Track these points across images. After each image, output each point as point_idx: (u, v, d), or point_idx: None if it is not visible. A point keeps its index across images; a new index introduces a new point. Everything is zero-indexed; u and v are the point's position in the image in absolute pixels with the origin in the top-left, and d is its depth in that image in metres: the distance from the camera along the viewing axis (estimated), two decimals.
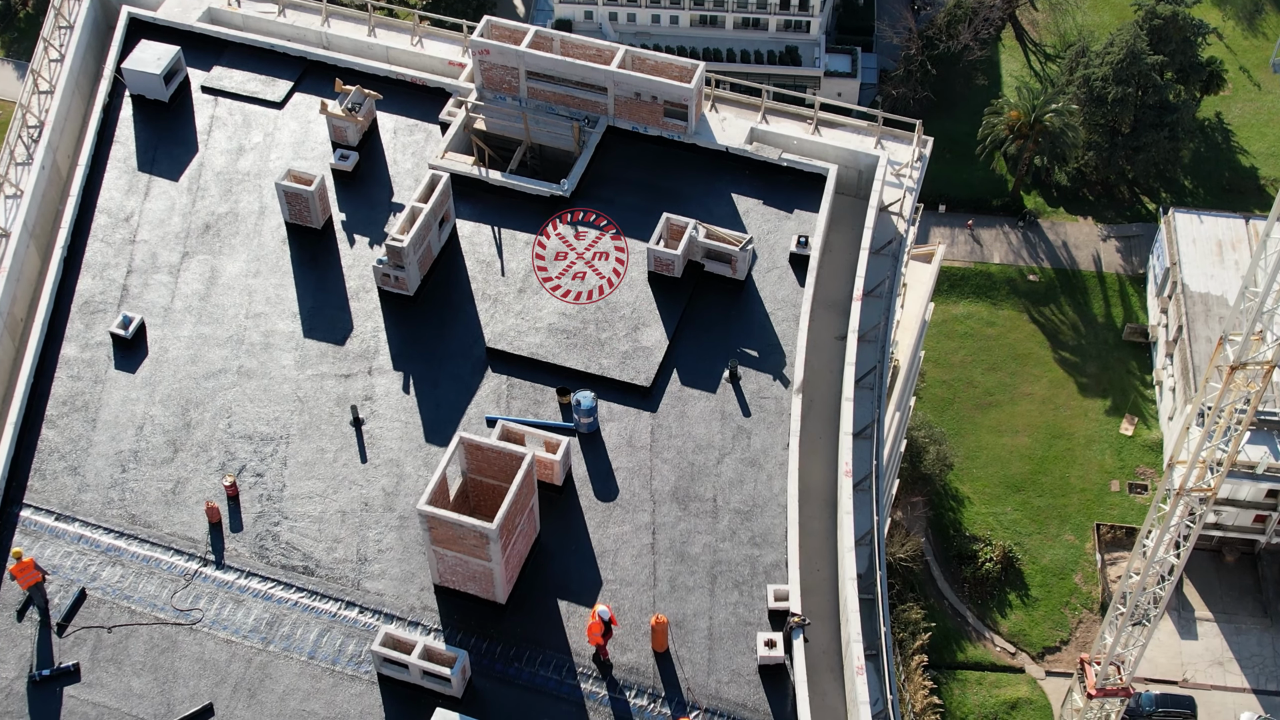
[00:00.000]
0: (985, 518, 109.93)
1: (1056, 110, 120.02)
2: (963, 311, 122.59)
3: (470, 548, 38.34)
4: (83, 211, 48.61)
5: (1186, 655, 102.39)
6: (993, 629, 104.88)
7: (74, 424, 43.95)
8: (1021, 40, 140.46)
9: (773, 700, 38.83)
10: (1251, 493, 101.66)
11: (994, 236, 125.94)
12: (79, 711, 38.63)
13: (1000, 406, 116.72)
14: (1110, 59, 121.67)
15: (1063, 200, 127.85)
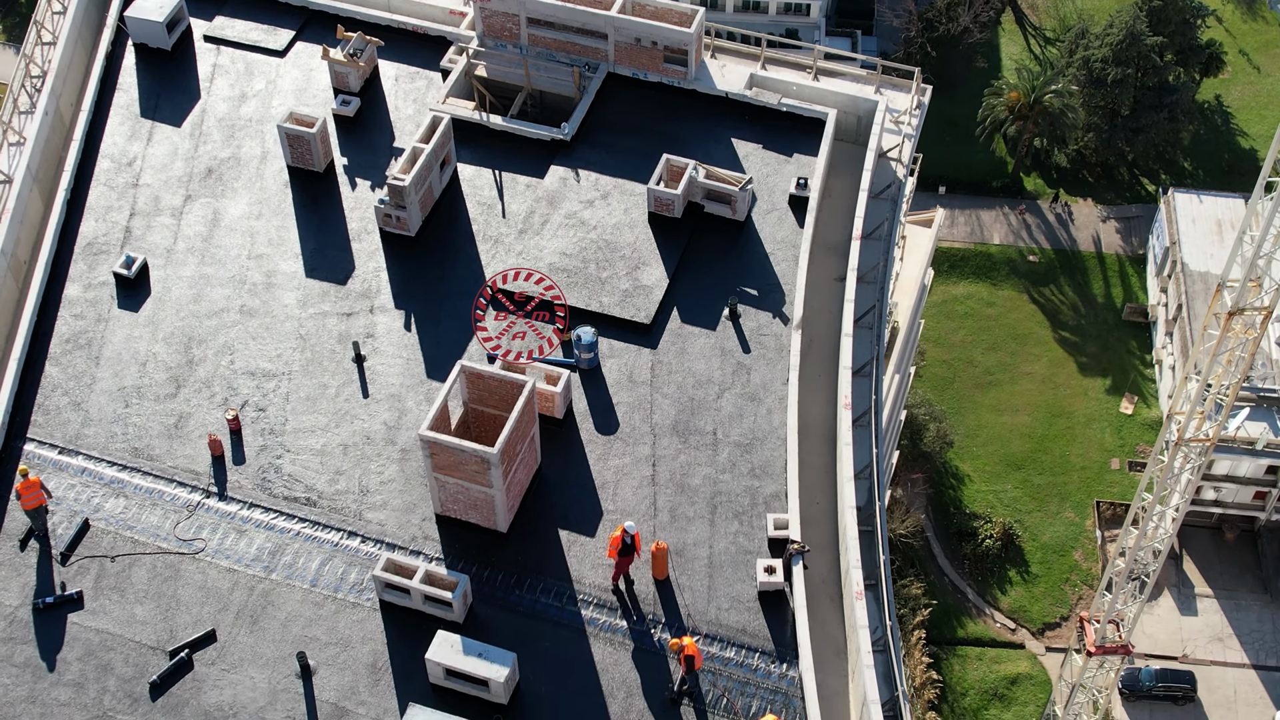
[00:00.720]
0: (985, 495, 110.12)
1: (1056, 91, 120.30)
2: (963, 292, 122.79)
3: (471, 474, 38.55)
4: (86, 156, 48.88)
5: (1186, 631, 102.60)
6: (993, 605, 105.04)
7: (77, 361, 44.19)
8: (1021, 24, 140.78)
9: (772, 626, 39.05)
10: (1251, 469, 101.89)
11: (994, 218, 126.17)
12: (82, 638, 38.84)
13: (1000, 386, 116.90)
14: (1110, 40, 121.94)
15: (1062, 182, 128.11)
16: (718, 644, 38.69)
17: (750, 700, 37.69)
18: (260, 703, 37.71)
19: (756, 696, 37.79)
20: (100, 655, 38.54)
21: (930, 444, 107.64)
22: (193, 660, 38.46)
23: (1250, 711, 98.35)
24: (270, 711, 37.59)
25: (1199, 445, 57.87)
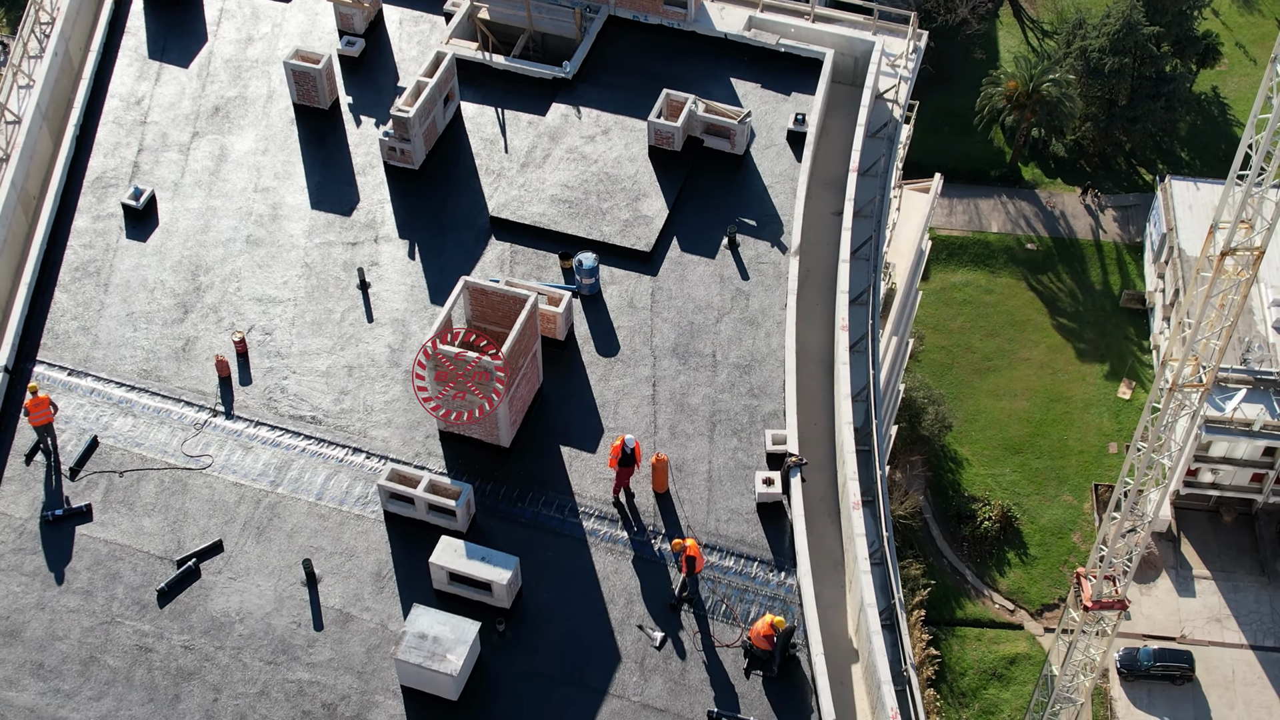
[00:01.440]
0: (984, 479, 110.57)
1: (1054, 80, 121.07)
2: (961, 279, 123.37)
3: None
4: (94, 96, 49.63)
5: (1184, 612, 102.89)
6: (991, 586, 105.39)
7: (86, 288, 44.88)
8: (1019, 17, 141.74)
9: (771, 536, 39.66)
10: (1248, 451, 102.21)
11: (992, 206, 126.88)
12: (91, 549, 39.46)
13: (998, 371, 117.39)
14: (1107, 30, 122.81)
15: (1060, 171, 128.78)
16: (717, 554, 39.29)
17: (749, 607, 38.29)
18: (266, 609, 38.31)
19: (755, 603, 38.39)
20: (108, 565, 39.16)
21: (929, 427, 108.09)
22: (200, 569, 39.05)
23: (1249, 691, 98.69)
24: (276, 617, 38.19)
25: (1193, 390, 58.45)
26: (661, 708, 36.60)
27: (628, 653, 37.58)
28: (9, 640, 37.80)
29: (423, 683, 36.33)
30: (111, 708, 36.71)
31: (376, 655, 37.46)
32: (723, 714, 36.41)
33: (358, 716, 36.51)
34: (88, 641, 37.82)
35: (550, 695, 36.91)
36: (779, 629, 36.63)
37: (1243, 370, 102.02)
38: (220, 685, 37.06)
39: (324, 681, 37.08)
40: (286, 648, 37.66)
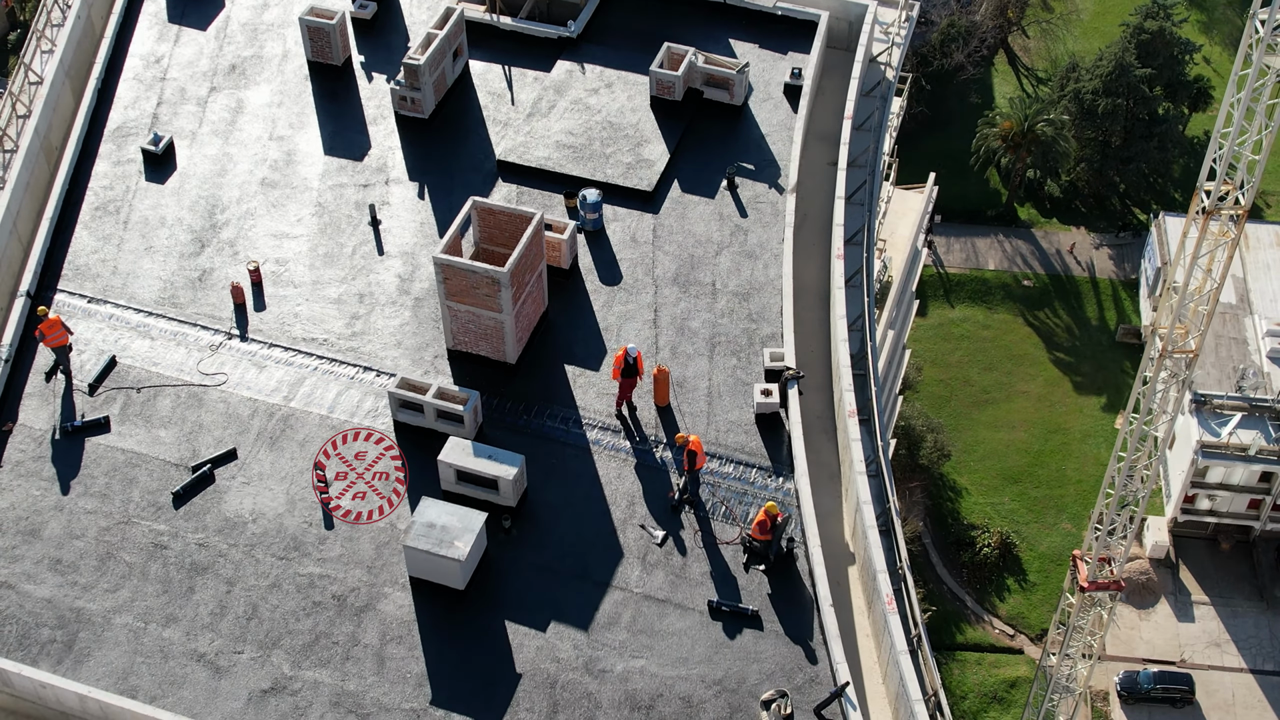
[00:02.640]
0: (983, 507, 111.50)
1: (1048, 120, 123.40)
2: (959, 315, 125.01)
3: (482, 298, 40.54)
4: (115, 56, 51.39)
5: (1184, 637, 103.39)
6: (991, 612, 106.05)
7: (105, 225, 46.39)
8: (1014, 64, 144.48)
9: (769, 445, 40.86)
10: (1245, 476, 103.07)
11: (989, 245, 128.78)
12: (108, 458, 40.65)
13: (997, 404, 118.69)
14: (1100, 72, 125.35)
15: (1055, 211, 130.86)
16: (717, 460, 40.46)
17: (748, 508, 39.40)
18: (279, 510, 39.44)
19: (754, 505, 39.49)
20: (125, 471, 40.33)
21: (927, 455, 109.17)
22: (214, 475, 40.20)
23: (1249, 714, 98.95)
24: (288, 518, 39.31)
25: (1183, 358, 59.74)
26: (663, 599, 37.61)
27: (630, 549, 38.65)
28: (28, 539, 38.89)
29: (430, 572, 37.37)
30: (127, 599, 37.74)
31: (385, 551, 38.52)
32: (723, 604, 37.41)
33: (367, 607, 37.50)
34: (104, 540, 38.90)
35: (554, 587, 37.93)
36: (773, 515, 37.71)
37: (1237, 397, 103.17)
38: (233, 579, 38.10)
39: (334, 575, 38.13)
40: (298, 545, 38.74)
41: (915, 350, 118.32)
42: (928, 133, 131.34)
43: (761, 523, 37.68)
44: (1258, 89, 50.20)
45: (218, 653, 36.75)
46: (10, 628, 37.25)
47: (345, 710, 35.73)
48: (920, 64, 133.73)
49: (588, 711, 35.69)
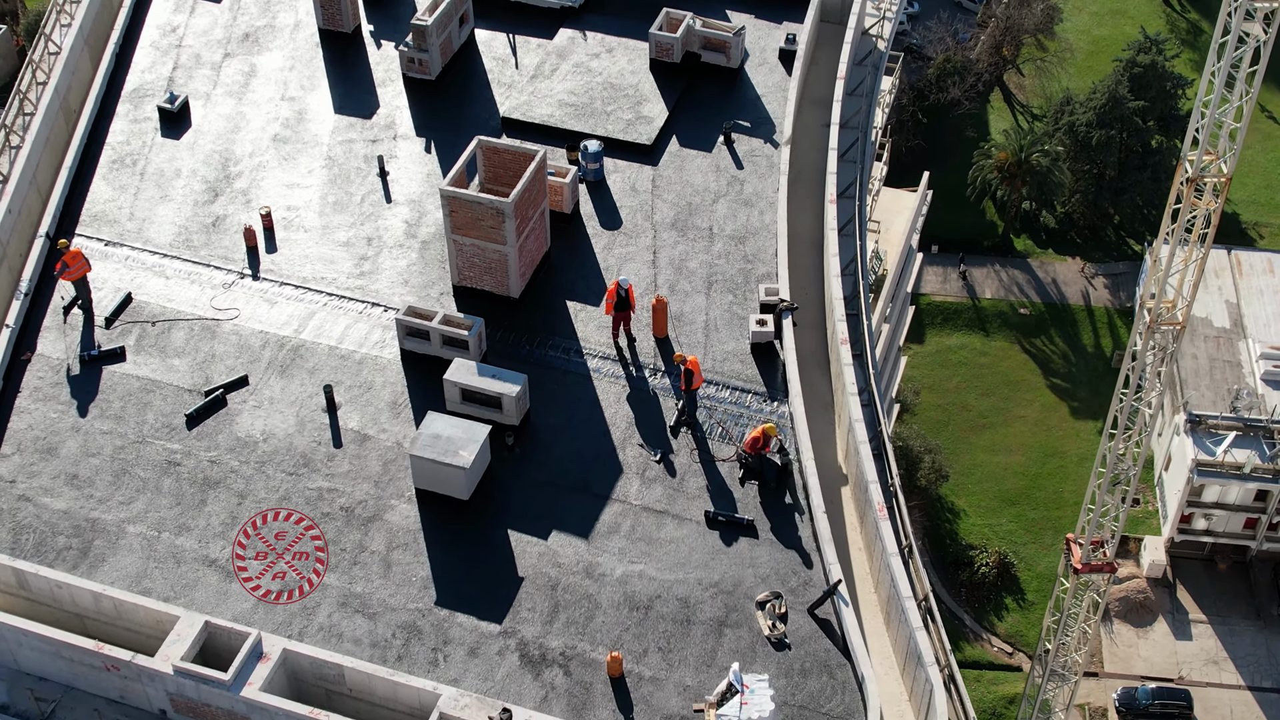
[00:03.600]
0: (981, 528, 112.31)
1: (1043, 150, 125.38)
2: (956, 343, 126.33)
3: (487, 231, 41.98)
4: (132, 26, 53.14)
5: (1182, 655, 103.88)
6: (990, 630, 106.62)
7: (122, 176, 47.95)
8: (1009, 102, 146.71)
9: (765, 373, 42.17)
10: (1240, 495, 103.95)
11: (985, 275, 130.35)
12: (123, 384, 41.99)
13: (994, 428, 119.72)
14: (1094, 104, 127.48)
15: (1051, 242, 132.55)
16: (714, 386, 41.76)
17: (744, 429, 40.62)
18: (289, 430, 40.71)
19: (749, 426, 40.72)
20: (140, 396, 41.65)
21: (925, 476, 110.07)
22: (226, 399, 41.50)
23: None
24: (297, 437, 40.57)
25: (1170, 329, 61.06)
26: (661, 510, 38.80)
27: (629, 466, 39.88)
28: (46, 456, 40.14)
29: (436, 482, 38.58)
30: (141, 510, 38.94)
31: (393, 468, 39.75)
32: (719, 514, 38.58)
33: (374, 517, 38.68)
34: (119, 457, 40.15)
35: (556, 500, 39.11)
36: (770, 434, 38.96)
37: (1232, 417, 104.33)
38: (244, 492, 39.31)
39: (342, 489, 39.34)
40: (307, 461, 39.98)
41: (913, 377, 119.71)
42: (924, 166, 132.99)
43: (756, 439, 38.86)
44: (1238, 57, 51.79)
45: (229, 558, 37.88)
46: (28, 537, 38.42)
47: (352, 610, 36.82)
48: (917, 98, 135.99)
49: (588, 611, 36.76)
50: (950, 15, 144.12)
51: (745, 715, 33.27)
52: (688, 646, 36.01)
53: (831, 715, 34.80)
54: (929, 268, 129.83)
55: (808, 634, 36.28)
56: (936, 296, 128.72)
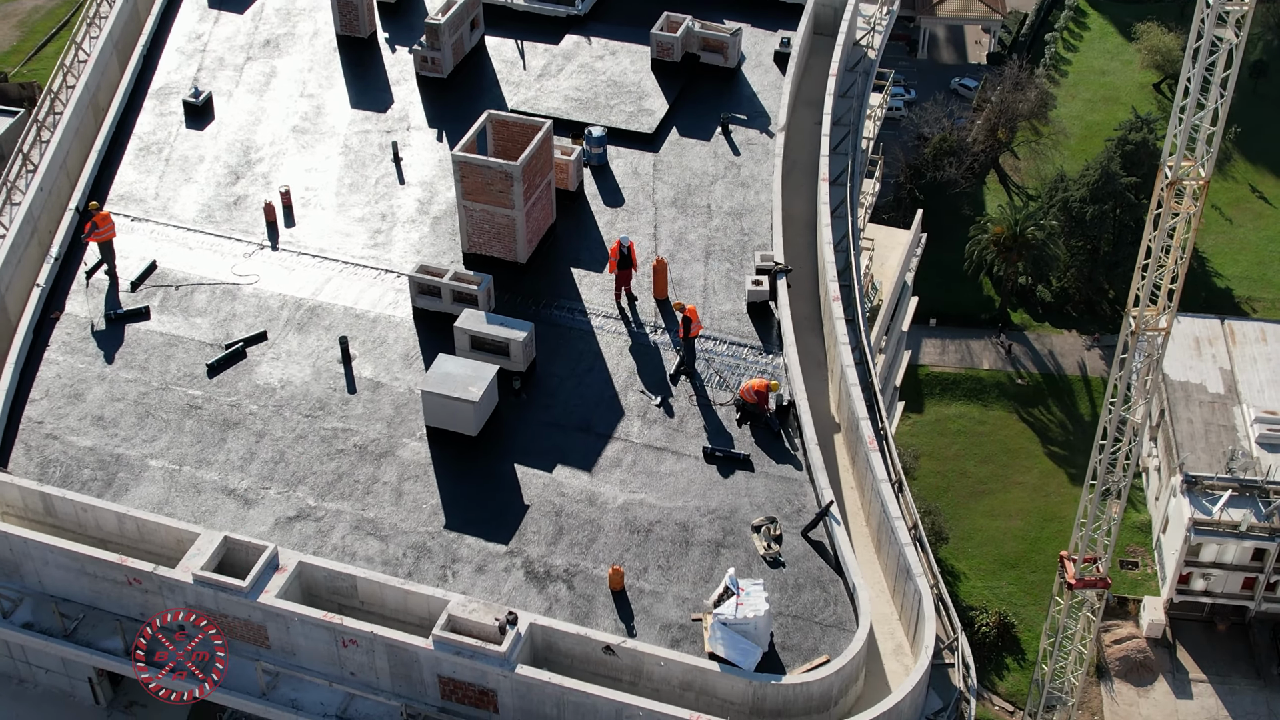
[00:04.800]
0: (981, 591, 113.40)
1: (1038, 225, 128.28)
2: (955, 412, 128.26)
3: (496, 195, 44.20)
4: (159, 33, 55.87)
5: (1183, 714, 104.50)
6: (990, 689, 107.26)
7: (148, 162, 50.34)
8: (1005, 183, 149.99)
9: (760, 330, 44.15)
10: (1237, 554, 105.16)
11: (983, 347, 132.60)
12: (147, 340, 43.99)
13: (993, 494, 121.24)
14: (1087, 180, 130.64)
15: (1048, 316, 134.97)
16: (712, 341, 43.70)
17: (741, 378, 42.50)
18: (305, 378, 42.64)
19: (746, 376, 42.60)
20: (163, 350, 43.64)
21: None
22: (245, 352, 43.47)
23: None
24: (314, 385, 42.49)
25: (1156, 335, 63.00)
26: (661, 447, 40.58)
27: (630, 409, 41.73)
28: (73, 401, 42.05)
29: (445, 418, 40.40)
30: (163, 447, 40.74)
31: (404, 411, 41.60)
32: (717, 450, 40.35)
33: (385, 453, 40.47)
34: (143, 402, 42.04)
35: (560, 439, 40.91)
36: (771, 388, 40.90)
37: (1227, 478, 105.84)
38: (262, 432, 41.14)
39: (356, 429, 41.17)
40: (323, 405, 41.85)
41: (912, 444, 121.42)
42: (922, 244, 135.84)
43: (759, 390, 40.64)
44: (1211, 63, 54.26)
45: (247, 489, 39.62)
46: (54, 470, 40.17)
47: (364, 533, 38.47)
48: (914, 176, 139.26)
49: (590, 534, 38.40)
50: (946, 98, 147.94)
51: (741, 615, 34.74)
52: (686, 564, 37.59)
53: (825, 624, 36.28)
54: (927, 340, 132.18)
55: (801, 554, 37.85)
56: (935, 368, 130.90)
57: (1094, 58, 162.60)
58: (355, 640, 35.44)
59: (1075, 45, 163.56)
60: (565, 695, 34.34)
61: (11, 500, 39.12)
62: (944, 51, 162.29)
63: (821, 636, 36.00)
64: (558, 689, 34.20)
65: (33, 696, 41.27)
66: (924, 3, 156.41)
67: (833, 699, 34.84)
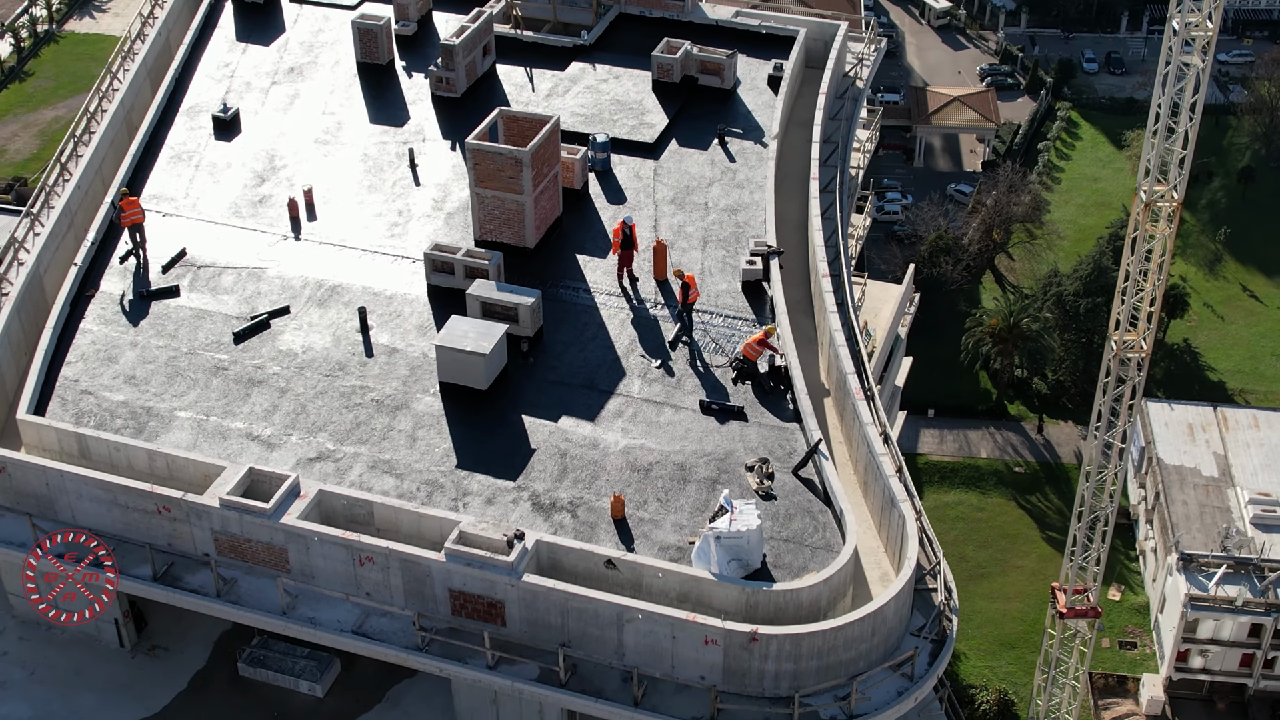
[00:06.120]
0: (981, 670, 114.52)
1: (1033, 315, 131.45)
2: (953, 499, 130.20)
3: (507, 181, 47.24)
4: (189, 60, 59.39)
5: None
6: None
7: (178, 168, 53.54)
8: (1000, 283, 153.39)
9: (754, 305, 46.91)
10: (1234, 630, 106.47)
11: (980, 436, 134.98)
12: (177, 313, 46.81)
13: (992, 577, 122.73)
14: (1080, 274, 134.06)
15: (1044, 408, 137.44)
16: (708, 314, 46.44)
17: (736, 346, 45.18)
18: (326, 345, 45.36)
19: (741, 342, 45.28)
20: (191, 322, 46.45)
21: None
22: (270, 323, 46.24)
23: None
24: (334, 350, 45.20)
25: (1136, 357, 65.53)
26: (660, 401, 43.14)
27: (631, 370, 44.38)
28: (107, 363, 44.77)
29: (457, 373, 43.03)
30: (191, 401, 43.36)
31: (419, 372, 44.25)
32: (713, 402, 42.90)
33: (400, 406, 43.05)
34: (172, 364, 44.77)
35: (565, 395, 43.51)
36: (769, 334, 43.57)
37: (1223, 555, 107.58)
38: (285, 389, 43.77)
39: (372, 387, 43.79)
40: (342, 366, 44.53)
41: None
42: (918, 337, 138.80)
43: (761, 340, 43.30)
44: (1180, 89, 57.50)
45: (270, 435, 42.13)
46: (88, 419, 42.75)
47: (381, 472, 40.90)
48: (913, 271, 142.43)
49: (593, 472, 40.82)
50: (942, 199, 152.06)
51: (734, 528, 37.03)
52: (683, 497, 39.97)
53: (814, 546, 38.56)
54: (926, 430, 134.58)
55: (792, 489, 40.23)
56: (934, 456, 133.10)
57: (1086, 165, 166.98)
58: (371, 558, 37.67)
59: (1068, 154, 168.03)
60: (569, 602, 36.49)
61: (49, 443, 41.59)
62: (940, 159, 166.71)
63: (811, 557, 38.23)
64: (562, 595, 36.38)
65: (61, 641, 43.27)
66: (920, 112, 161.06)
67: (822, 610, 36.95)
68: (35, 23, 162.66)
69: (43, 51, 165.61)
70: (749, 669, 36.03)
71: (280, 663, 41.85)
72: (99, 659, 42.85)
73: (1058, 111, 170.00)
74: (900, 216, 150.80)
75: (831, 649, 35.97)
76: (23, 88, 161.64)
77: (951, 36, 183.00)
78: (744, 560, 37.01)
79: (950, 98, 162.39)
